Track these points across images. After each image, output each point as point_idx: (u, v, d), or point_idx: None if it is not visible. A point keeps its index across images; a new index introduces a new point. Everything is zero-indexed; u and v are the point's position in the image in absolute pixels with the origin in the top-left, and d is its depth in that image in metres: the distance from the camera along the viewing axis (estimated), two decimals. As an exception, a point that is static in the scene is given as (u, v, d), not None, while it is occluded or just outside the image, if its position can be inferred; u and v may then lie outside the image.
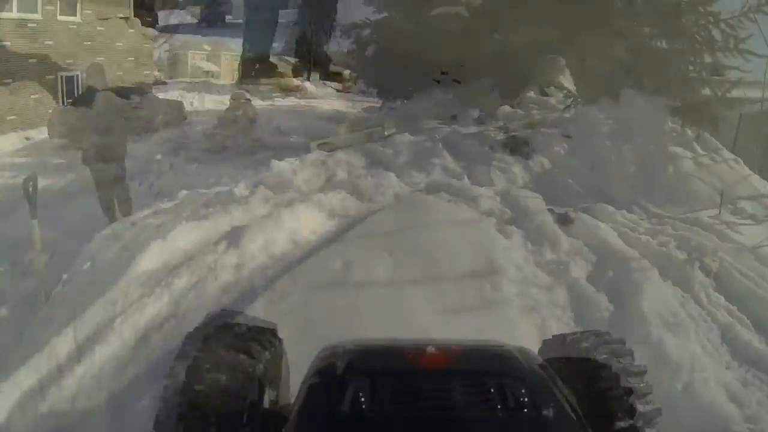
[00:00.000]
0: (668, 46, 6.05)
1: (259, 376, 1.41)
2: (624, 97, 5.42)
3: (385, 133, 5.25)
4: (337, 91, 27.93)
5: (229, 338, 1.48)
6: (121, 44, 16.61)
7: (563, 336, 1.80)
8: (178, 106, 15.86)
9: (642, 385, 1.55)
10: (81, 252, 3.63)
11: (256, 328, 1.60)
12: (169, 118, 14.85)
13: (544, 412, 1.07)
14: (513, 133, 5.18)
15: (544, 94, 7.52)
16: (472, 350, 1.39)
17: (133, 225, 3.97)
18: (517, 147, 4.86)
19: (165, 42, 31.32)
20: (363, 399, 1.08)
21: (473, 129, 6.11)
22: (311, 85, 31.63)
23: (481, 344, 1.50)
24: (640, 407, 1.44)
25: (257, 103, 21.25)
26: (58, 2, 14.07)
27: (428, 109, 8.00)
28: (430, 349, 1.23)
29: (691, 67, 6.02)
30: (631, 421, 1.36)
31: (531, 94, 7.48)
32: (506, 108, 7.22)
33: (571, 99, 6.10)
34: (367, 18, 9.49)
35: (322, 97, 26.04)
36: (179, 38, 35.46)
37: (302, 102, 23.15)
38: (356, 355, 1.28)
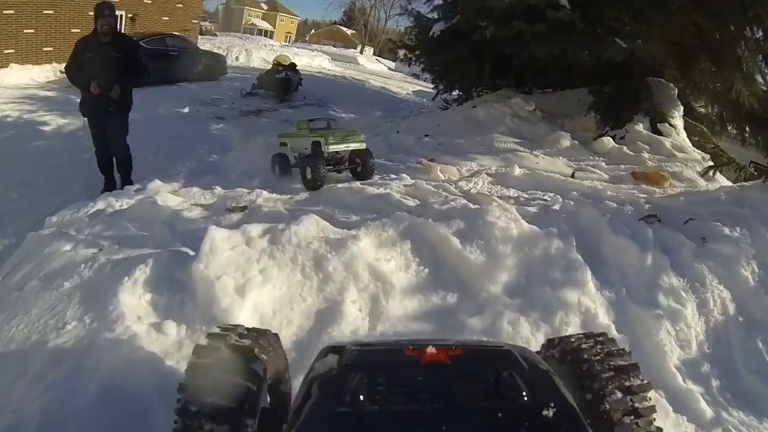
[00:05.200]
0: None
1: (259, 373, 1.37)
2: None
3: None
4: (388, 69, 26.10)
5: (231, 337, 1.43)
6: (171, -13, 15.45)
7: (559, 338, 1.68)
8: (219, 59, 14.54)
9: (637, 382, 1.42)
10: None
11: (257, 329, 1.58)
12: (209, 70, 13.54)
13: (545, 410, 1.00)
14: (653, 212, 3.24)
15: (656, 131, 5.44)
16: (473, 348, 1.37)
17: (92, 217, 3.42)
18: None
19: (222, -7, 30.00)
20: (362, 394, 1.04)
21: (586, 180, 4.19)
22: (364, 59, 29.91)
23: (482, 343, 1.73)
24: (637, 404, 1.39)
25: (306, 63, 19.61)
26: (111, -63, 12.79)
27: (501, 117, 6.02)
28: (431, 347, 1.19)
29: None
30: (630, 417, 1.37)
31: (639, 127, 5.45)
32: (607, 141, 5.30)
33: (719, 160, 4.02)
34: None
35: (372, 72, 24.11)
36: (237, -8, 34.27)
37: (352, 73, 21.44)
38: (357, 353, 1.23)
